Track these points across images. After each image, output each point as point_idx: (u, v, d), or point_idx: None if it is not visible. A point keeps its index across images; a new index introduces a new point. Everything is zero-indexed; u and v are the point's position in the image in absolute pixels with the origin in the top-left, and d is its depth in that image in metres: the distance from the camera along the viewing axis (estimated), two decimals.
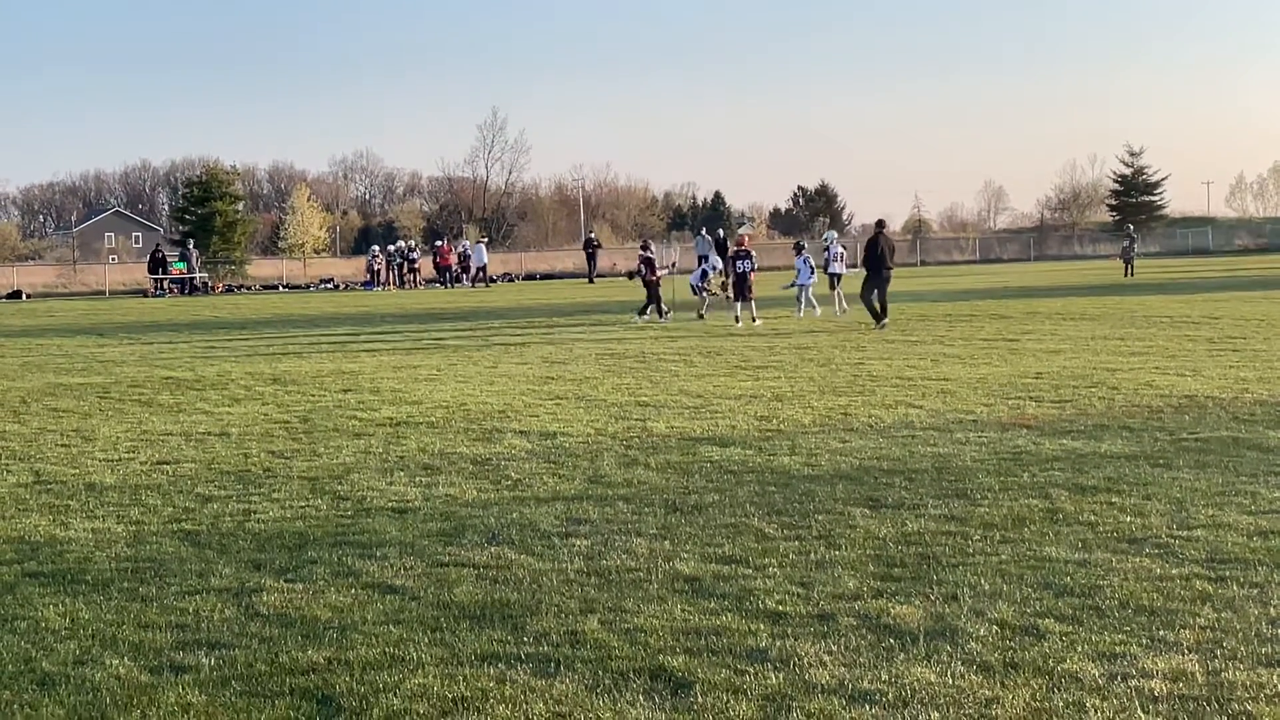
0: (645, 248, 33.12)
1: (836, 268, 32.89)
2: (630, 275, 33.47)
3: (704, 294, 31.86)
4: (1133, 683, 5.74)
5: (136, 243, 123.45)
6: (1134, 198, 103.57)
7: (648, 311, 30.25)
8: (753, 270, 29.02)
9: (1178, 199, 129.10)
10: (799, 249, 31.90)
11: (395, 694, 5.84)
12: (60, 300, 57.91)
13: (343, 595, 7.48)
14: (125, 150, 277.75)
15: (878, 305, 26.63)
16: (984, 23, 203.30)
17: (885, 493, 9.86)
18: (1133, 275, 49.84)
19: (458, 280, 63.47)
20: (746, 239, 32.05)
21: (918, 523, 8.86)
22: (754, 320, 27.98)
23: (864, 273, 27.77)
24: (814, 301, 30.80)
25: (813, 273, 31.13)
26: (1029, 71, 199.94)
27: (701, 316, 30.53)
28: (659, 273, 31.18)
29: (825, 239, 36.72)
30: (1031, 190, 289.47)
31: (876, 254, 27.01)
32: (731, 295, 29.65)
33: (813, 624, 6.68)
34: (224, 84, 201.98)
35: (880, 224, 29.06)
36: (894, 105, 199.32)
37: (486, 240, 77.11)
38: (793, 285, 31.32)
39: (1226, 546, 8.01)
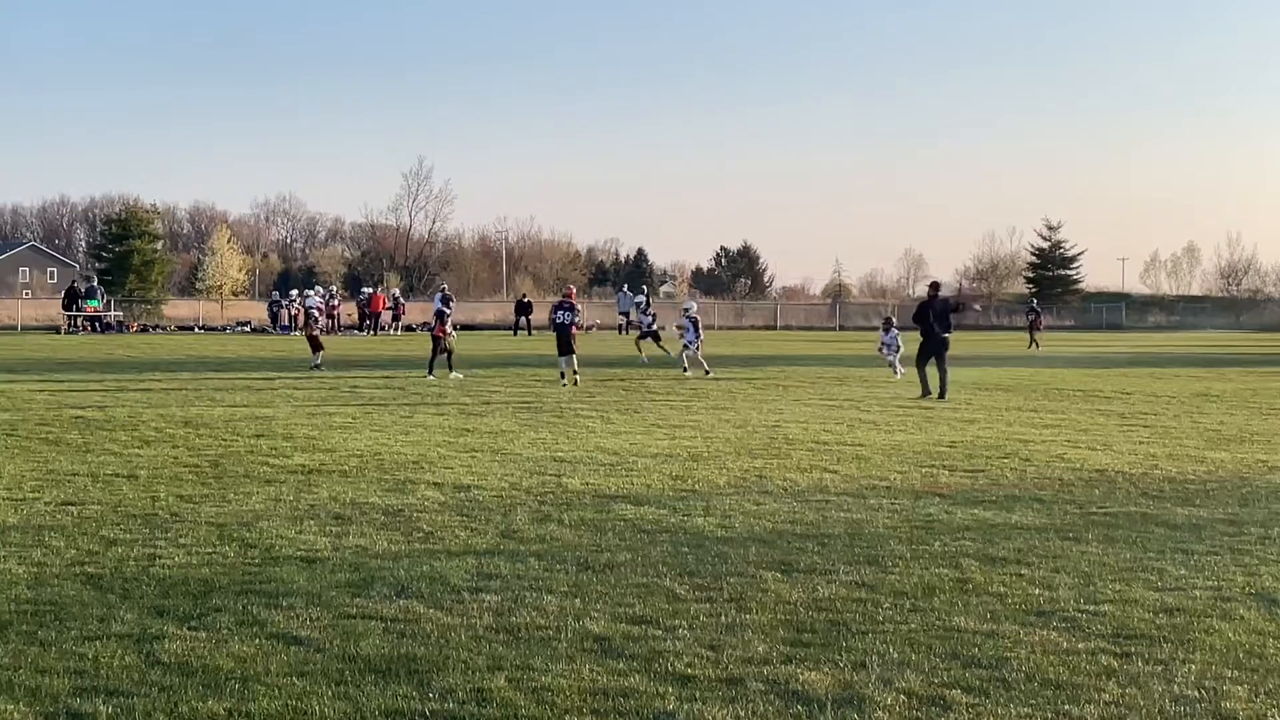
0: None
1: (689, 337, 33.43)
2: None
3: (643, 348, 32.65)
4: None
5: (52, 278, 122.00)
6: (1050, 271, 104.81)
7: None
8: (573, 324, 28.15)
9: (1093, 274, 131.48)
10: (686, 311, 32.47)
11: None
12: None
13: (246, 645, 7.37)
14: (43, 184, 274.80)
15: (931, 374, 25.01)
16: (906, 91, 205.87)
17: (798, 557, 9.87)
18: (1037, 347, 50.33)
19: (383, 329, 63.12)
20: (573, 291, 31.31)
21: (829, 588, 8.87)
22: (575, 377, 27.25)
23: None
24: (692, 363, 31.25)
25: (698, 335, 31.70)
26: (950, 140, 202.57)
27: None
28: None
29: (685, 307, 37.51)
30: (950, 260, 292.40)
31: (929, 321, 25.23)
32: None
33: (721, 688, 6.65)
34: (147, 120, 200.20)
35: (936, 286, 27.14)
36: (817, 170, 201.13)
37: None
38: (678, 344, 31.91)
39: (1133, 622, 8.08)
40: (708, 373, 30.75)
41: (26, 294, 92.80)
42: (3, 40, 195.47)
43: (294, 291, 68.39)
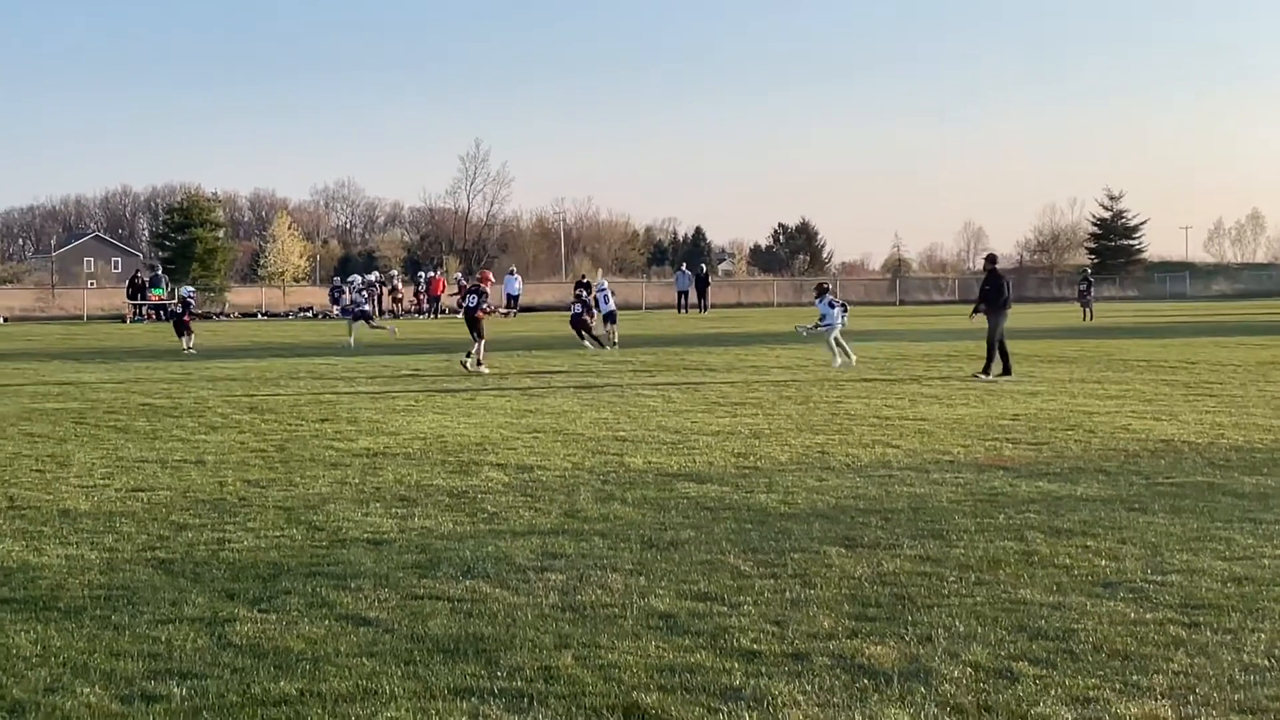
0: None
1: (608, 307, 35.85)
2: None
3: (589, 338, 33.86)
4: None
5: (116, 268, 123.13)
6: (1112, 241, 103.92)
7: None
8: (479, 308, 26.85)
9: (1156, 243, 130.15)
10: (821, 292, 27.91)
11: None
12: (38, 325, 57.69)
13: (316, 627, 7.45)
14: (106, 175, 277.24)
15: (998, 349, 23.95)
16: (968, 65, 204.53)
17: (861, 532, 9.86)
18: (1091, 318, 49.87)
19: (443, 311, 63.39)
20: (487, 275, 29.65)
21: (893, 563, 8.86)
22: (479, 364, 25.95)
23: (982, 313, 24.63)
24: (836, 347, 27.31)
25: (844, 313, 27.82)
26: (1011, 113, 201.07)
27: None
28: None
29: (600, 284, 39.18)
30: (1011, 232, 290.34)
31: (1008, 293, 24.37)
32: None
33: (787, 663, 6.67)
34: (207, 110, 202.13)
35: (994, 259, 26.25)
36: (877, 144, 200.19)
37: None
38: (817, 328, 27.46)
39: (1200, 592, 8.03)
40: (612, 345, 33.51)
41: (91, 284, 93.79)
42: (63, 33, 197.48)
43: (354, 277, 68.84)
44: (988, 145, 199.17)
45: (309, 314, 65.62)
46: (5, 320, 61.50)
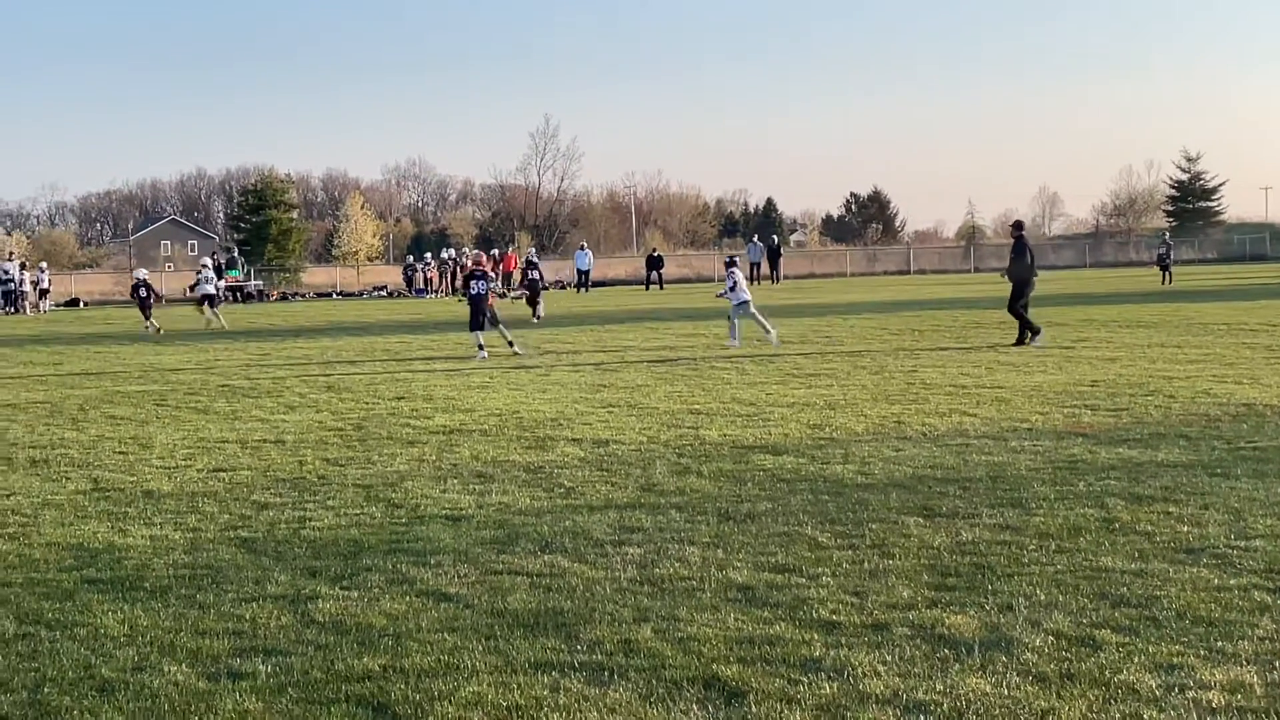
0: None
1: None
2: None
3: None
4: (1190, 694, 5.69)
5: (192, 250, 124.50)
6: (1191, 203, 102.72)
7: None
8: (488, 293, 25.22)
9: (1235, 204, 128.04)
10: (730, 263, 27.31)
11: (450, 702, 5.86)
12: (117, 308, 58.41)
13: (397, 603, 7.52)
14: (181, 158, 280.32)
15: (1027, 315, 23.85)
16: (1041, 27, 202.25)
17: (939, 501, 9.81)
18: (1170, 282, 49.26)
19: (514, 289, 63.65)
20: (483, 257, 28.09)
21: (972, 532, 8.81)
22: (510, 345, 24.71)
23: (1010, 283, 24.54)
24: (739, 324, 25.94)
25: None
26: (1085, 76, 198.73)
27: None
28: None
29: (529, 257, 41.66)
30: (1087, 196, 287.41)
31: (1029, 260, 24.24)
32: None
33: (867, 634, 6.66)
34: (279, 92, 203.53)
35: (1020, 226, 25.88)
36: (947, 112, 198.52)
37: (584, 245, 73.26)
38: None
39: None
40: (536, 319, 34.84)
41: (169, 267, 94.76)
42: (137, 18, 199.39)
43: (428, 255, 69.14)
44: (1064, 108, 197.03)
45: (383, 293, 66.04)
46: (85, 304, 62.33)
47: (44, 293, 58.80)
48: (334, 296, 65.55)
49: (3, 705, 6.03)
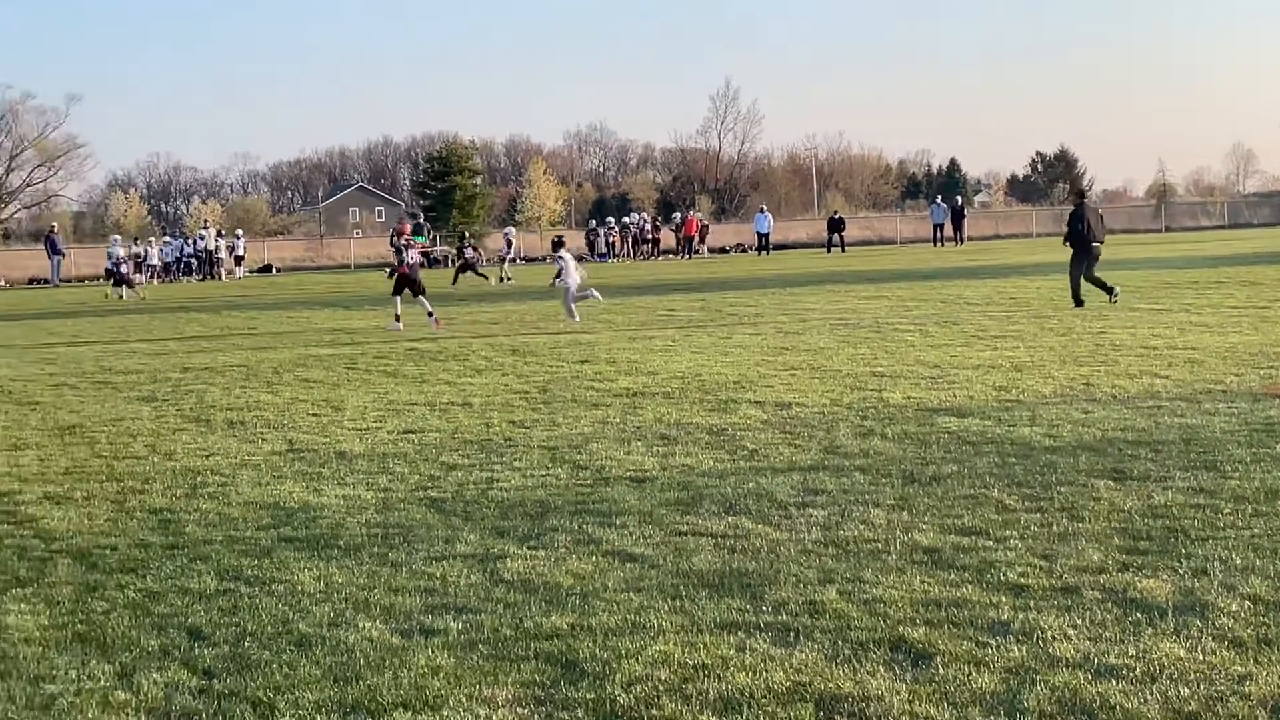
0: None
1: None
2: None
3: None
4: None
5: (380, 217, 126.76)
6: None
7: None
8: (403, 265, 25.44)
9: None
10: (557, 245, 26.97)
11: (637, 660, 5.93)
12: (308, 274, 59.87)
13: (584, 563, 7.62)
14: (368, 126, 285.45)
15: (1085, 283, 23.48)
16: None
17: (1130, 464, 9.62)
18: None
19: (696, 251, 63.92)
20: (405, 228, 27.75)
21: (1164, 495, 8.63)
22: (430, 314, 24.80)
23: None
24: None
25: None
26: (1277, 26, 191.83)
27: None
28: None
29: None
30: None
31: (1080, 228, 23.55)
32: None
33: (1056, 597, 6.57)
34: (461, 60, 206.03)
35: (1081, 194, 26.09)
36: (1137, 67, 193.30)
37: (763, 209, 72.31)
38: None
39: None
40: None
41: (357, 233, 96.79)
42: None
43: (610, 220, 69.52)
44: (1255, 60, 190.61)
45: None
46: (278, 270, 63.96)
47: (239, 259, 60.53)
48: (518, 261, 66.19)
49: (206, 658, 6.25)
